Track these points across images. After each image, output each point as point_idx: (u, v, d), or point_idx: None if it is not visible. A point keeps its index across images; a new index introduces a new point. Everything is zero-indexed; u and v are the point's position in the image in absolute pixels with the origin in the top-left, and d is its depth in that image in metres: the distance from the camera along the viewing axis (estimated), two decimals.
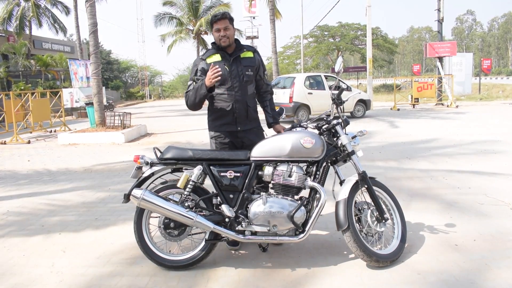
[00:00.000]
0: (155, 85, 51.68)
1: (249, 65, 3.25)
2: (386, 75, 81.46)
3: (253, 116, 3.33)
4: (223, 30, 3.12)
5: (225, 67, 3.17)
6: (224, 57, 3.20)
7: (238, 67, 3.20)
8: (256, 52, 3.34)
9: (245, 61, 3.25)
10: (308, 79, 13.62)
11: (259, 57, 3.35)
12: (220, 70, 3.00)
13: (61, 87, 22.46)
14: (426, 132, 10.10)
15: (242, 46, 3.29)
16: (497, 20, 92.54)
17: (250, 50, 3.31)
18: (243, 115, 3.25)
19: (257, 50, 3.37)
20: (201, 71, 3.20)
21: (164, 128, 13.29)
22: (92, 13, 11.11)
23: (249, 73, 3.24)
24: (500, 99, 21.13)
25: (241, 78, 3.21)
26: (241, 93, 3.22)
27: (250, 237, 2.97)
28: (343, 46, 40.18)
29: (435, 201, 4.50)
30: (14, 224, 4.27)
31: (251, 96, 3.34)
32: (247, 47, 3.32)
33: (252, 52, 3.31)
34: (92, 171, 6.91)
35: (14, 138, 11.05)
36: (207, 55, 3.25)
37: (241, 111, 3.23)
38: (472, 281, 2.75)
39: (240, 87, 3.21)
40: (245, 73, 3.22)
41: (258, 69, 3.35)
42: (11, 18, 25.74)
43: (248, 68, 3.24)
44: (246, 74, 3.23)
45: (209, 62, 3.17)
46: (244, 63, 3.23)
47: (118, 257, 3.36)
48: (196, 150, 3.08)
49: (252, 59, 3.29)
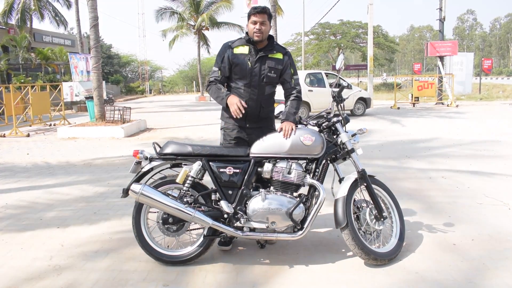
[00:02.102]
0: (155, 80, 51.61)
1: (274, 67, 3.16)
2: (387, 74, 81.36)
3: (265, 116, 3.29)
4: (260, 24, 3.04)
5: (248, 62, 3.12)
6: (250, 52, 3.14)
7: (261, 65, 3.13)
8: (287, 55, 3.23)
9: (271, 62, 3.15)
10: (309, 76, 13.60)
11: (288, 60, 3.23)
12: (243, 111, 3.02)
13: (61, 80, 22.40)
14: (426, 131, 10.10)
15: (274, 46, 3.20)
16: (499, 20, 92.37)
17: (281, 52, 3.21)
18: (255, 113, 3.21)
19: (288, 53, 3.27)
20: (226, 60, 3.17)
21: (163, 123, 13.28)
22: (93, 7, 11.07)
23: (271, 75, 3.16)
24: (500, 99, 21.14)
25: (261, 78, 3.14)
26: (258, 92, 3.17)
27: (249, 233, 2.97)
28: (344, 44, 40.10)
29: (434, 200, 4.51)
30: (12, 217, 4.26)
31: (268, 97, 3.27)
32: (278, 48, 3.22)
33: (282, 54, 3.20)
34: (91, 165, 6.90)
35: (13, 131, 11.03)
36: (236, 44, 3.19)
37: (253, 110, 3.19)
38: (469, 280, 2.76)
39: (258, 86, 3.16)
40: (266, 73, 3.14)
41: (284, 72, 3.22)
42: (12, 11, 25.64)
43: (272, 70, 3.15)
44: (267, 75, 3.15)
45: (235, 53, 3.15)
46: (269, 64, 3.14)
47: (116, 251, 3.36)
48: (195, 146, 3.07)
49: (279, 61, 3.18)
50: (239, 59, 3.14)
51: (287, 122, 3.07)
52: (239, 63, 3.14)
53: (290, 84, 3.26)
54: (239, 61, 3.14)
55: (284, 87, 3.29)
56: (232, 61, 3.15)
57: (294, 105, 3.23)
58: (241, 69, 3.14)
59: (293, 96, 3.25)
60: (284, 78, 3.24)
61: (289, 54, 3.26)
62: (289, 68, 3.24)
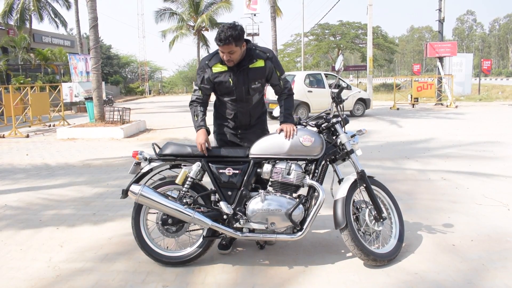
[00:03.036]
0: (155, 81, 51.59)
1: (256, 78, 3.08)
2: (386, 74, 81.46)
3: (257, 122, 3.31)
4: (227, 53, 2.90)
5: (230, 79, 3.04)
6: (230, 68, 3.03)
7: (244, 79, 3.05)
8: (268, 60, 3.07)
9: (253, 73, 3.05)
10: (308, 77, 13.61)
11: (271, 64, 3.08)
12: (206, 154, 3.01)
13: (60, 81, 22.41)
14: (425, 132, 10.10)
15: (253, 54, 3.02)
16: (498, 21, 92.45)
17: (262, 58, 3.04)
18: (245, 123, 3.25)
19: (270, 57, 3.08)
20: (206, 81, 3.09)
21: (163, 124, 13.28)
22: (92, 7, 11.07)
23: (255, 86, 3.10)
24: (499, 100, 21.15)
25: (246, 91, 3.10)
26: (245, 105, 3.17)
27: (248, 234, 2.97)
28: (343, 45, 40.13)
29: (433, 201, 4.51)
30: (11, 218, 4.26)
31: (257, 105, 3.26)
32: (258, 55, 3.04)
33: (263, 61, 3.05)
34: (90, 166, 6.90)
35: (12, 132, 11.02)
36: (213, 62, 3.05)
37: (243, 120, 3.23)
38: (469, 281, 2.76)
39: (245, 99, 3.14)
40: (250, 86, 3.08)
41: (270, 78, 3.14)
42: (11, 11, 25.63)
43: (255, 81, 3.08)
44: (251, 87, 3.09)
45: (214, 72, 3.05)
46: (251, 76, 3.05)
47: (116, 252, 3.35)
48: (195, 147, 3.07)
49: (261, 69, 3.06)
50: (220, 77, 3.06)
51: (287, 123, 3.05)
52: (221, 82, 3.07)
53: (279, 86, 3.21)
54: (221, 80, 3.07)
55: (275, 89, 3.27)
56: (213, 81, 3.09)
57: (288, 104, 3.21)
58: (224, 87, 3.09)
59: (285, 95, 3.24)
60: (271, 82, 3.19)
61: (271, 58, 3.09)
62: (275, 72, 3.13)
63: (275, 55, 3.16)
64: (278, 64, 3.17)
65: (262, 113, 3.37)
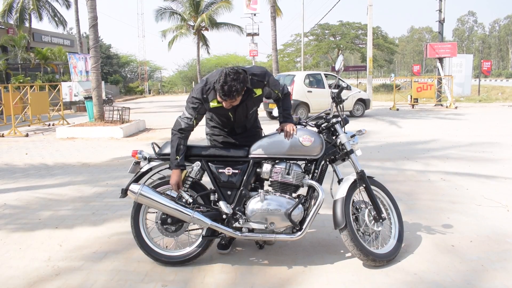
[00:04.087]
0: (154, 80, 51.59)
1: (256, 104, 3.08)
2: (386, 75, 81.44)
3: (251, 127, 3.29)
4: (229, 103, 2.78)
5: (229, 113, 2.97)
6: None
7: (243, 110, 3.00)
8: (266, 86, 2.94)
9: (252, 102, 2.99)
10: (308, 77, 13.61)
11: (268, 89, 2.97)
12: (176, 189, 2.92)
13: (60, 80, 22.37)
14: (425, 132, 10.11)
15: (251, 87, 2.87)
16: (498, 22, 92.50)
17: (260, 87, 2.92)
18: (240, 134, 3.21)
19: (267, 82, 2.94)
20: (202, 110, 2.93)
21: (162, 123, 13.27)
22: (92, 6, 11.07)
23: (253, 111, 3.12)
24: (499, 101, 21.16)
25: (245, 117, 3.09)
26: (242, 125, 3.16)
27: (247, 234, 2.97)
28: (343, 45, 40.13)
29: (433, 201, 4.51)
30: (10, 217, 4.26)
31: (252, 119, 3.25)
32: (256, 84, 2.89)
33: (261, 89, 2.94)
34: (90, 165, 6.89)
35: (12, 131, 11.01)
36: (211, 97, 2.86)
37: (238, 130, 3.20)
38: (468, 282, 2.76)
39: (243, 122, 3.14)
40: (249, 112, 3.08)
41: (269, 97, 3.07)
42: (11, 10, 25.62)
43: (254, 107, 3.08)
44: (250, 113, 3.10)
45: (212, 107, 2.90)
46: (250, 106, 3.01)
47: (115, 252, 3.35)
48: (194, 147, 3.07)
49: (259, 97, 2.99)
50: (219, 112, 2.99)
51: (287, 123, 3.03)
52: (219, 115, 3.06)
53: (277, 95, 3.11)
54: (219, 113, 3.02)
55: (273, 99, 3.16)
56: (211, 114, 3.09)
57: (286, 103, 3.19)
58: (223, 117, 3.06)
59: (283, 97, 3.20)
60: (271, 98, 3.12)
61: (268, 82, 2.94)
62: (273, 92, 3.03)
63: (271, 77, 3.00)
64: (274, 83, 3.02)
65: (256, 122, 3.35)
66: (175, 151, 2.90)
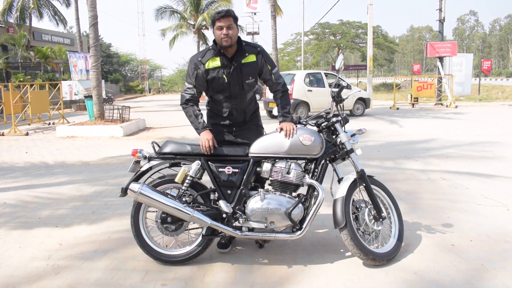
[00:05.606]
0: (154, 79, 51.56)
1: (250, 73, 3.09)
2: (386, 74, 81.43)
3: (251, 118, 3.30)
4: (226, 28, 2.90)
5: (224, 76, 3.03)
6: (223, 64, 3.02)
7: (238, 75, 3.05)
8: (259, 54, 3.11)
9: (246, 68, 3.07)
10: (308, 76, 13.61)
11: (262, 58, 3.11)
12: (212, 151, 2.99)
13: (60, 79, 22.37)
14: (425, 131, 10.10)
15: (245, 48, 3.06)
16: (499, 22, 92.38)
17: (253, 53, 3.08)
18: (239, 121, 3.24)
19: (261, 51, 3.13)
20: (200, 78, 3.06)
21: (163, 122, 13.27)
22: (92, 5, 11.06)
23: (249, 81, 3.11)
24: (499, 100, 21.16)
25: (241, 87, 3.10)
26: (239, 101, 3.17)
27: (247, 233, 2.97)
28: (343, 44, 40.13)
29: (433, 201, 4.51)
30: (10, 216, 4.26)
31: (250, 101, 3.26)
32: (249, 49, 3.08)
33: (255, 55, 3.09)
34: (89, 164, 6.89)
35: (12, 130, 11.02)
36: (206, 58, 3.04)
37: (237, 118, 3.22)
38: (468, 281, 2.76)
39: (239, 95, 3.14)
40: (245, 81, 3.08)
41: (262, 72, 3.17)
42: (11, 9, 25.61)
43: (249, 76, 3.09)
44: (246, 83, 3.09)
45: (208, 68, 3.03)
46: (245, 71, 3.06)
47: (115, 251, 3.35)
48: (194, 145, 3.06)
49: (254, 64, 3.08)
50: (213, 74, 3.04)
51: (286, 122, 3.05)
52: (214, 78, 3.06)
53: (271, 81, 3.22)
54: (214, 76, 3.05)
55: (267, 85, 3.28)
56: (206, 78, 3.06)
57: (285, 102, 3.21)
58: (218, 84, 3.07)
59: (280, 92, 3.24)
60: (263, 77, 3.20)
61: (261, 51, 3.14)
62: (265, 66, 3.15)
63: (264, 50, 3.18)
64: (268, 58, 3.19)
65: (255, 109, 3.37)
66: (195, 117, 3.12)
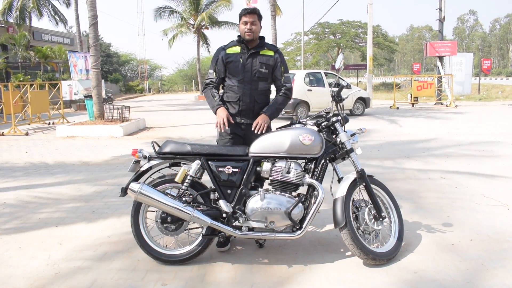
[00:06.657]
0: (154, 79, 51.55)
1: (265, 63, 3.27)
2: (386, 73, 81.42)
3: (259, 112, 3.31)
4: (250, 24, 3.18)
5: (240, 59, 3.25)
6: (242, 50, 3.27)
7: (253, 61, 3.26)
8: (277, 53, 3.34)
9: (262, 58, 3.28)
10: (308, 76, 13.60)
11: (280, 58, 3.33)
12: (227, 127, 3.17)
13: (60, 79, 22.34)
14: (425, 131, 10.10)
15: (266, 44, 3.33)
16: (499, 21, 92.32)
17: (272, 49, 3.33)
18: (249, 109, 3.29)
19: (279, 51, 3.38)
20: (220, 61, 3.31)
21: (163, 122, 13.27)
22: (92, 5, 11.05)
23: (263, 70, 3.27)
24: (499, 100, 21.16)
25: (253, 73, 3.25)
26: (251, 87, 3.26)
27: (247, 233, 2.97)
28: (343, 44, 40.09)
29: (433, 200, 4.51)
30: (10, 216, 4.25)
31: (262, 93, 3.33)
32: (269, 46, 3.35)
33: (273, 52, 3.33)
34: (89, 164, 6.89)
35: (12, 130, 11.01)
36: (229, 45, 3.34)
37: (247, 105, 3.27)
38: (468, 280, 2.76)
39: (251, 81, 3.26)
40: (258, 69, 3.25)
41: (275, 69, 3.32)
42: (11, 8, 25.59)
43: (263, 65, 3.26)
44: (259, 70, 3.25)
45: (228, 53, 3.29)
46: (260, 60, 3.27)
47: (115, 250, 3.35)
48: (194, 145, 3.07)
49: (270, 57, 3.29)
50: (232, 57, 3.29)
51: (262, 115, 3.23)
52: (231, 61, 3.28)
53: (280, 82, 3.37)
54: (232, 59, 3.28)
55: (275, 85, 3.41)
56: (225, 61, 3.30)
57: (279, 100, 3.36)
58: (234, 66, 3.27)
59: (281, 92, 3.37)
60: (275, 75, 3.35)
61: (279, 53, 3.37)
62: (280, 66, 3.34)
63: (282, 53, 3.45)
64: (284, 61, 3.40)
65: (266, 103, 3.39)
66: (212, 97, 3.31)
